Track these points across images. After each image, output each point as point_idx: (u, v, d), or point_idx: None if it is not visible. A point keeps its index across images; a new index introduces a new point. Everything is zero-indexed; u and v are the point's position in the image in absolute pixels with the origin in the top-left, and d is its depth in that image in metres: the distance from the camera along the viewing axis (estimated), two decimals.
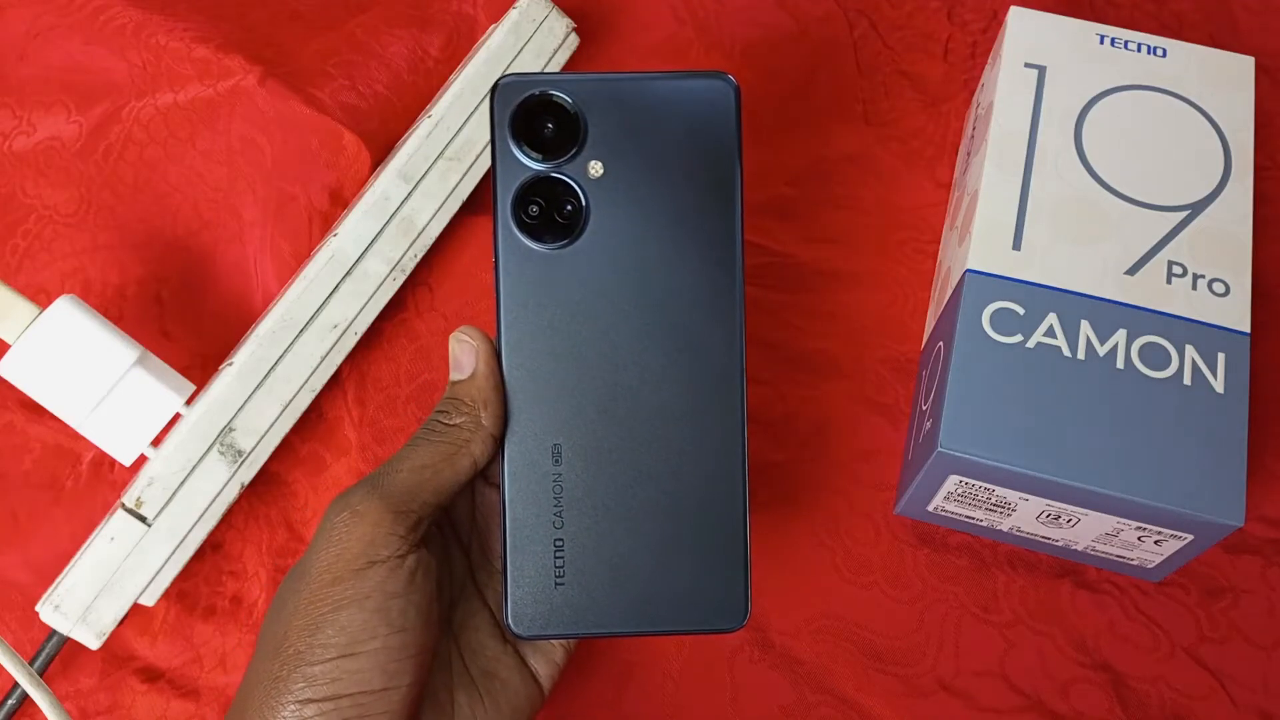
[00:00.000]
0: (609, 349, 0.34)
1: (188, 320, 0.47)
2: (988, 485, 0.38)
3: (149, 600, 0.41)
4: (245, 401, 0.41)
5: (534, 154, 0.33)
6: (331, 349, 0.43)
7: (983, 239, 0.39)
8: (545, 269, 0.34)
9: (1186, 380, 0.37)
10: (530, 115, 0.33)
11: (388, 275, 0.44)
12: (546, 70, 0.47)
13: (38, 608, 0.39)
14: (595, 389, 0.34)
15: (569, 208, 0.34)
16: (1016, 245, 0.39)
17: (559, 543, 0.33)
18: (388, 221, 0.44)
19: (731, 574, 0.34)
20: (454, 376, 0.34)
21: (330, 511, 0.32)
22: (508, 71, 0.34)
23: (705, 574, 0.34)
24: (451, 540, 0.35)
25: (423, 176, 0.44)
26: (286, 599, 0.31)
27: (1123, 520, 0.37)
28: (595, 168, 0.34)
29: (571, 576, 0.33)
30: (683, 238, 0.34)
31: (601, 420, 0.34)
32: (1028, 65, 0.42)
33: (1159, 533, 0.37)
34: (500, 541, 0.34)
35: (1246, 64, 0.43)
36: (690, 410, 0.34)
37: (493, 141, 0.34)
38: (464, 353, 0.34)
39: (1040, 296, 0.38)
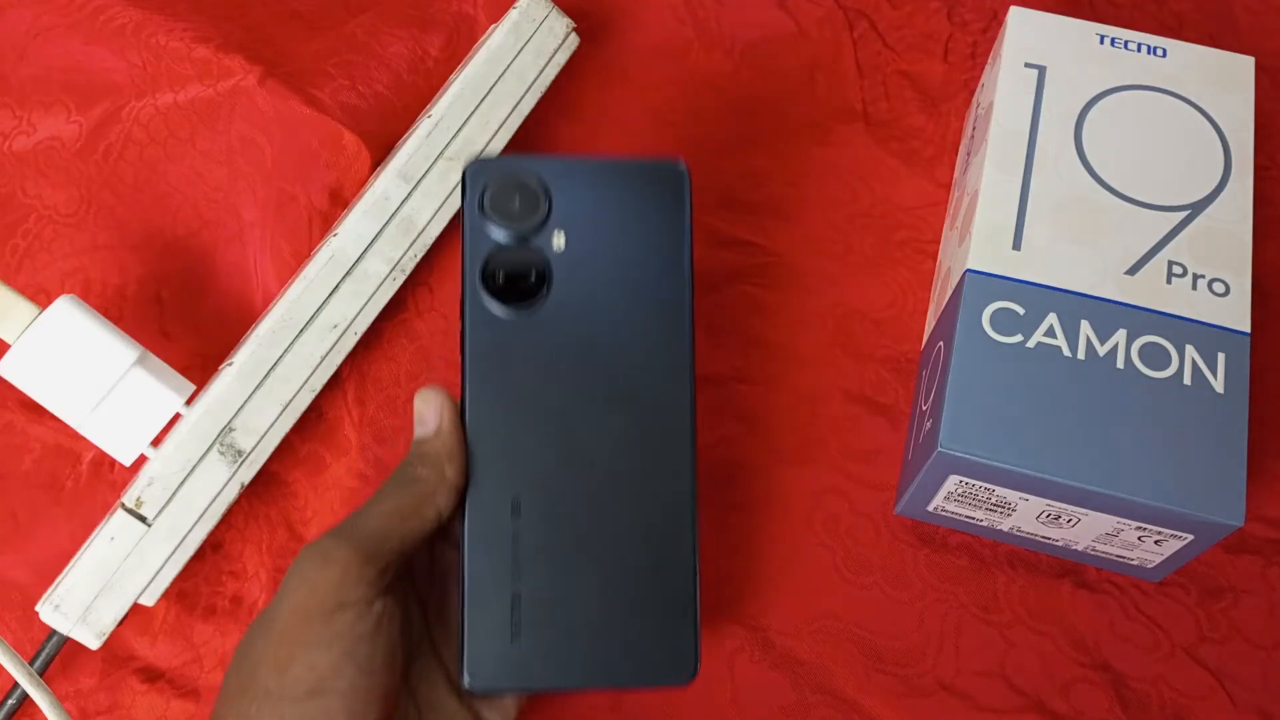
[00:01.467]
0: (567, 410, 0.35)
1: (188, 320, 0.47)
2: (988, 485, 0.38)
3: (149, 600, 0.41)
4: (245, 401, 0.41)
5: (502, 225, 0.35)
6: (331, 349, 0.43)
7: (983, 239, 0.39)
8: (509, 332, 0.35)
9: (1186, 380, 0.37)
10: (500, 191, 0.36)
11: (388, 275, 0.44)
12: (547, 69, 0.47)
13: (38, 608, 0.39)
14: (553, 447, 0.35)
15: (533, 276, 0.35)
16: (1016, 245, 0.39)
17: (516, 597, 0.34)
18: (388, 221, 0.44)
19: (681, 631, 0.35)
20: (419, 433, 0.35)
21: (300, 557, 0.33)
22: (480, 155, 0.36)
23: (656, 630, 0.35)
24: (410, 598, 0.36)
25: (423, 176, 0.44)
26: (255, 640, 0.32)
27: (1123, 520, 0.37)
28: (558, 240, 0.36)
29: (527, 631, 0.34)
30: (637, 306, 0.36)
31: (559, 478, 0.35)
32: (1028, 65, 0.42)
33: (1159, 533, 0.37)
34: (458, 597, 0.35)
35: (1246, 64, 0.43)
36: (643, 471, 0.35)
37: (463, 215, 0.36)
38: (428, 410, 0.35)
39: (1040, 296, 0.38)
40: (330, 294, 0.43)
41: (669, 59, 0.51)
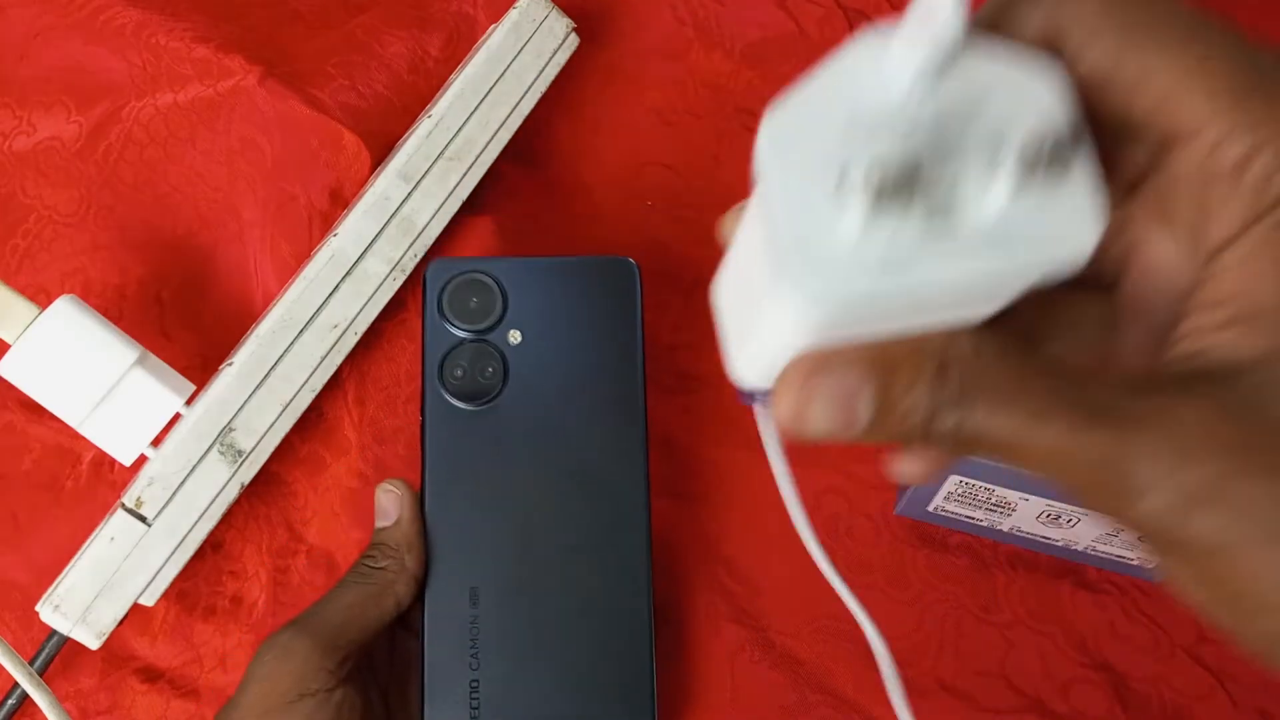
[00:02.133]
0: (524, 499, 0.36)
1: (188, 320, 0.47)
2: (988, 485, 0.38)
3: (149, 600, 0.41)
4: (245, 401, 0.41)
5: (460, 324, 0.38)
6: (331, 349, 0.43)
7: None
8: (468, 426, 0.37)
9: None
10: (457, 291, 0.38)
11: (388, 275, 0.44)
12: (546, 69, 0.47)
13: (38, 608, 0.39)
14: (511, 537, 0.36)
15: (490, 370, 0.37)
16: None
17: (474, 684, 0.35)
18: (388, 221, 0.44)
19: (638, 710, 0.36)
20: (379, 524, 0.37)
21: (262, 649, 0.34)
22: (439, 257, 0.40)
23: (614, 711, 0.36)
24: (371, 686, 0.36)
25: (423, 176, 0.44)
26: None
27: None
28: (514, 336, 0.38)
29: (485, 718, 0.35)
30: (592, 399, 0.37)
31: (517, 567, 0.36)
32: None
33: None
34: (418, 684, 0.35)
35: None
36: (600, 556, 0.36)
37: (424, 314, 0.38)
38: (389, 501, 0.37)
39: None
40: (330, 294, 0.43)
41: (669, 59, 0.51)
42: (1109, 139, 0.20)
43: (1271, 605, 0.18)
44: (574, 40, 0.48)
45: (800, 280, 0.18)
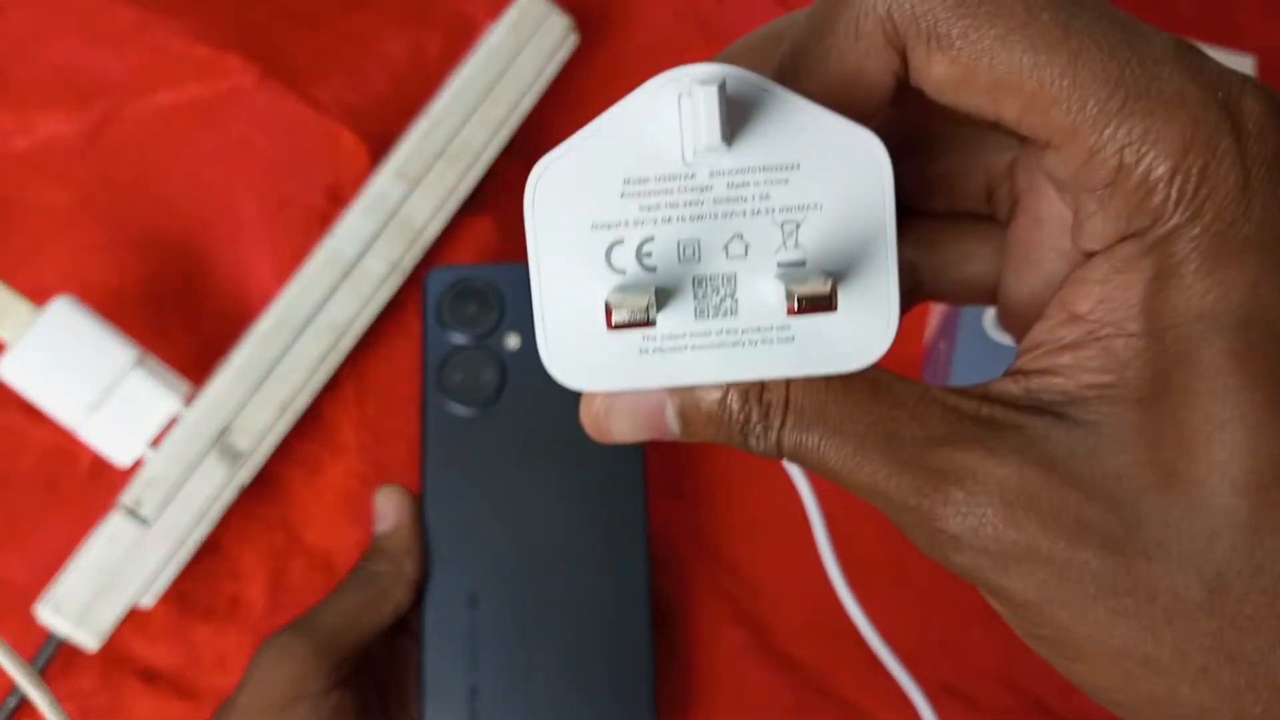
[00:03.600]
0: (523, 503, 0.37)
1: (187, 320, 0.47)
2: None
3: (148, 601, 0.41)
4: (244, 402, 0.41)
5: (459, 330, 0.38)
6: (330, 349, 0.43)
7: None
8: (466, 430, 0.38)
9: None
10: (457, 298, 0.39)
11: (387, 275, 0.44)
12: (546, 68, 0.47)
13: (37, 608, 0.39)
14: (510, 540, 0.36)
15: (488, 375, 0.38)
16: None
17: (474, 687, 0.35)
18: (387, 221, 0.44)
19: (639, 713, 0.36)
20: (379, 528, 0.37)
21: (260, 651, 0.34)
22: (438, 265, 0.41)
23: (614, 714, 0.36)
24: (369, 689, 0.36)
25: (422, 176, 0.44)
26: None
27: None
28: (512, 341, 0.38)
29: None
30: None
31: (516, 569, 0.36)
32: None
33: None
34: (417, 690, 0.36)
35: (1246, 64, 0.42)
36: (598, 559, 0.37)
37: (424, 321, 0.39)
38: (388, 506, 0.37)
39: None
40: (329, 294, 0.43)
41: (669, 58, 0.51)
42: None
43: (1084, 655, 0.18)
44: (573, 39, 0.48)
45: (551, 365, 0.18)
